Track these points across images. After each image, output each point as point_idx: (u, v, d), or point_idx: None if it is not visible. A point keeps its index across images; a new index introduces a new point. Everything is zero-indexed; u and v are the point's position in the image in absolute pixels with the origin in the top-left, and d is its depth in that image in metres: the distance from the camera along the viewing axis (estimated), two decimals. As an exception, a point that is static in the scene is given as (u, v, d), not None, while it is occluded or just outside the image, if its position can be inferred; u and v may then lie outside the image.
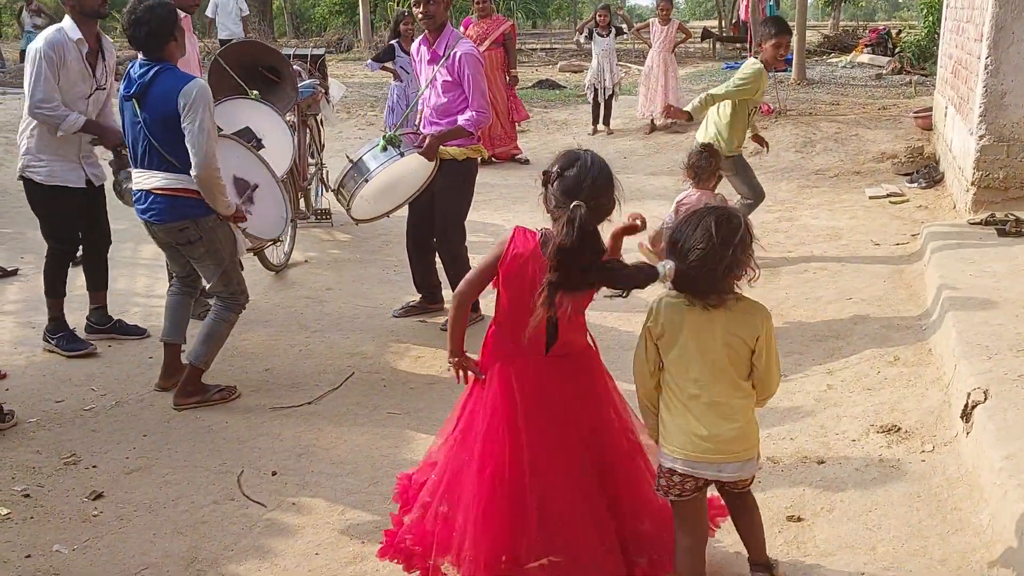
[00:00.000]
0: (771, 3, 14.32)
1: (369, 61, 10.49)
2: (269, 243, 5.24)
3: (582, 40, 11.84)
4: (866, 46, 17.47)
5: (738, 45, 19.73)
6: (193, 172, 4.05)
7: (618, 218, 2.72)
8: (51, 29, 4.70)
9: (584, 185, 2.51)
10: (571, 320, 2.69)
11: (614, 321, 5.18)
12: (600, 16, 11.78)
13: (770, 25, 6.05)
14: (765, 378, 2.59)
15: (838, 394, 4.31)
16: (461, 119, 5.01)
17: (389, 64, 9.65)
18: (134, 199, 4.29)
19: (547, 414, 2.75)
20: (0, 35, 28.33)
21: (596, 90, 11.53)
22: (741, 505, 2.81)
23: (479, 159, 5.38)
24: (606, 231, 2.65)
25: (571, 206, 2.46)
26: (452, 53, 4.98)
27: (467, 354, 2.88)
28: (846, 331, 5.06)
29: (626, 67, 17.54)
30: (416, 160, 4.97)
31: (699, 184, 5.25)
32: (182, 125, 4.01)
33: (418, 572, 2.85)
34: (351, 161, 4.97)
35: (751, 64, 5.95)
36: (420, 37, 5.26)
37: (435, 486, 2.87)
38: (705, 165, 5.26)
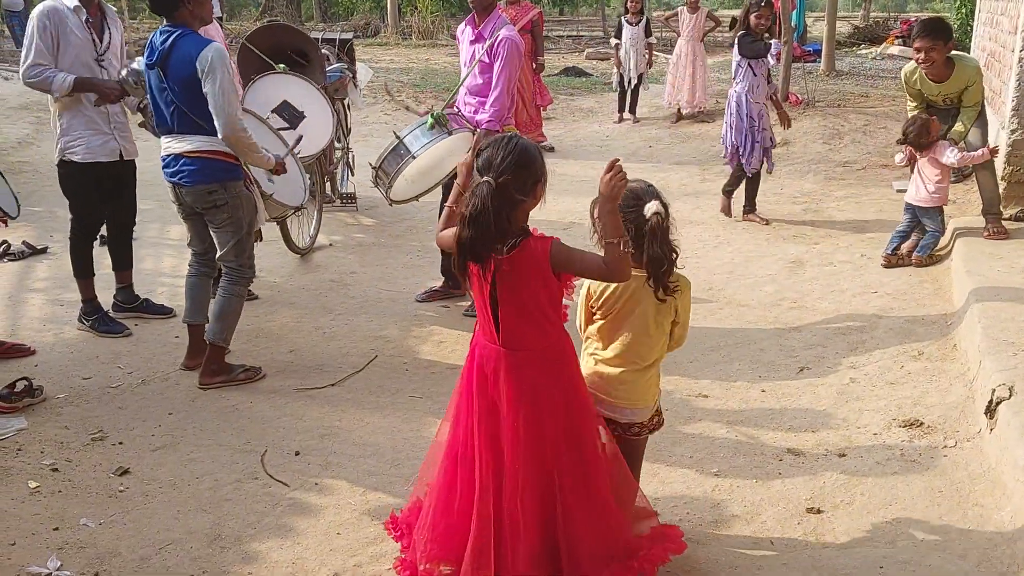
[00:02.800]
0: (802, -6, 14.15)
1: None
2: (292, 211, 5.28)
3: (614, 43, 11.76)
4: (897, 37, 17.25)
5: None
6: (220, 134, 4.11)
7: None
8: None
9: (493, 163, 2.52)
10: (521, 312, 2.62)
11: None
12: (631, 3, 11.71)
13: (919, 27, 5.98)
14: (679, 340, 2.97)
15: (861, 387, 4.29)
16: (482, 119, 5.03)
17: None
18: (163, 164, 4.33)
19: (492, 405, 2.70)
20: None
21: (623, 78, 11.49)
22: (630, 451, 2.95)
23: None
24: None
25: (480, 181, 2.52)
26: (495, 36, 4.99)
27: None
28: (870, 325, 5.03)
29: (654, 55, 17.43)
30: (457, 142, 4.94)
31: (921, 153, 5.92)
32: (203, 90, 4.07)
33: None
34: (398, 138, 4.95)
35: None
36: (468, 17, 5.26)
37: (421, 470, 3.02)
38: (922, 138, 5.87)
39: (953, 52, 5.87)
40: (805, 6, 15.19)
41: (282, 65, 5.91)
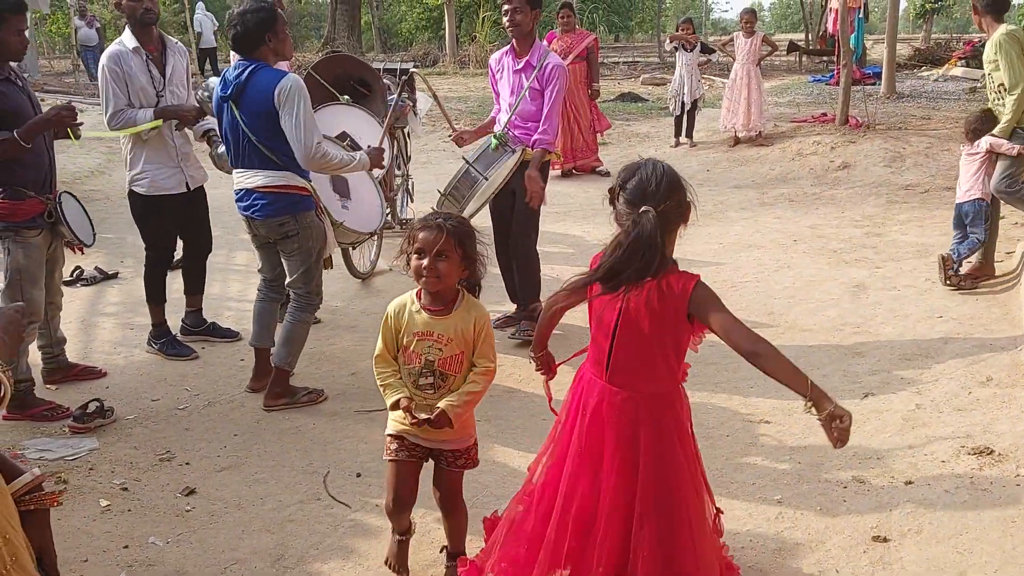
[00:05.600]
0: (860, 16, 14.00)
1: None
2: (366, 237, 5.37)
3: (669, 48, 11.79)
4: (959, 59, 16.97)
5: (825, 58, 19.38)
6: (301, 163, 4.22)
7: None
8: (112, 44, 4.95)
9: (648, 191, 2.40)
10: (638, 351, 2.50)
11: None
12: (683, 29, 11.75)
13: None
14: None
15: (927, 414, 4.20)
16: (539, 141, 5.12)
17: None
18: (236, 198, 4.43)
19: (591, 442, 2.60)
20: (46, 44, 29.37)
21: (678, 103, 11.51)
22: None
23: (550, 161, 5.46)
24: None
25: (639, 212, 2.38)
26: (544, 63, 5.08)
27: (549, 351, 2.94)
28: (935, 350, 4.93)
29: (710, 80, 17.40)
30: (516, 158, 5.11)
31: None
32: (281, 120, 4.16)
33: None
34: (467, 163, 5.08)
35: (1004, 36, 5.60)
36: (505, 48, 5.35)
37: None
38: (980, 128, 5.84)
39: None
40: (864, 29, 15.03)
41: (346, 96, 6.04)
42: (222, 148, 4.70)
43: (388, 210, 5.48)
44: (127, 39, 4.84)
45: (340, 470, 3.87)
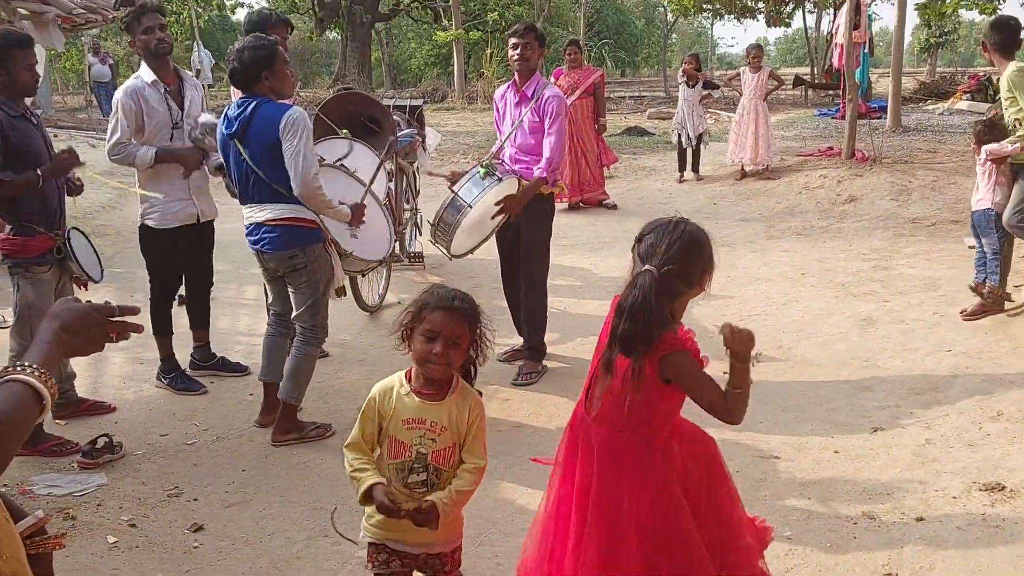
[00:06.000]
0: (865, 51, 14.09)
1: None
2: (375, 265, 5.40)
3: (680, 79, 11.88)
4: (965, 92, 17.05)
5: (830, 92, 19.49)
6: (295, 191, 4.23)
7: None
8: (131, 78, 5.02)
9: (658, 251, 2.35)
10: (613, 396, 2.46)
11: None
12: (688, 63, 11.87)
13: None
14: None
15: (937, 449, 4.18)
16: (536, 169, 5.13)
17: None
18: (246, 232, 4.46)
19: (581, 473, 2.58)
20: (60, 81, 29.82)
21: (681, 137, 11.60)
22: None
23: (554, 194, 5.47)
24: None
25: (640, 271, 2.37)
26: (540, 95, 5.13)
27: None
28: (944, 384, 4.91)
29: (715, 114, 17.50)
30: (505, 188, 5.08)
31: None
32: (282, 148, 4.19)
33: None
34: (453, 192, 5.10)
35: (1015, 73, 5.64)
36: (507, 84, 5.42)
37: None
38: (986, 137, 5.87)
39: None
40: (869, 63, 15.12)
41: (345, 131, 6.09)
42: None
43: (396, 240, 5.49)
44: (144, 73, 4.91)
45: (347, 506, 3.85)
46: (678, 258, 2.34)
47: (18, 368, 1.54)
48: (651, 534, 2.45)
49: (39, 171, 4.14)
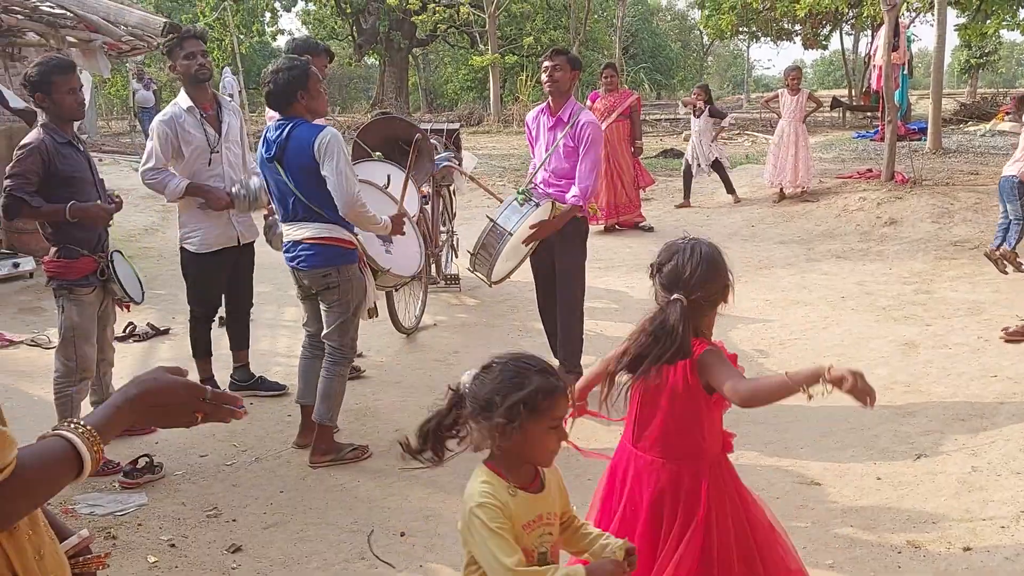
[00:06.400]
0: (904, 73, 13.99)
1: None
2: (407, 280, 5.45)
3: (681, 112, 12.01)
4: (1007, 113, 16.83)
5: (868, 114, 19.34)
6: (341, 211, 4.30)
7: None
8: (168, 106, 5.14)
9: (682, 278, 2.39)
10: (662, 422, 2.48)
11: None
12: (695, 94, 11.93)
13: None
14: None
15: (984, 477, 4.09)
16: (569, 196, 5.16)
17: None
18: (284, 250, 4.54)
19: (623, 509, 2.56)
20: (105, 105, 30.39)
21: (691, 166, 11.59)
22: None
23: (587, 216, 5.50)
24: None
25: (669, 300, 2.39)
26: (576, 120, 5.14)
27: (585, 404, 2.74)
28: (990, 411, 4.81)
29: (753, 136, 17.42)
30: (542, 213, 5.17)
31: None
32: (322, 172, 4.24)
33: None
34: (491, 220, 5.15)
35: None
36: (540, 106, 5.45)
37: None
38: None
39: None
40: (908, 84, 15.00)
41: (378, 153, 6.16)
42: (277, 229, 4.85)
43: (432, 261, 5.58)
44: (182, 100, 5.01)
45: (384, 529, 3.86)
46: (700, 284, 2.39)
47: (71, 425, 1.50)
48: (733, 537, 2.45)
49: (68, 207, 4.20)
